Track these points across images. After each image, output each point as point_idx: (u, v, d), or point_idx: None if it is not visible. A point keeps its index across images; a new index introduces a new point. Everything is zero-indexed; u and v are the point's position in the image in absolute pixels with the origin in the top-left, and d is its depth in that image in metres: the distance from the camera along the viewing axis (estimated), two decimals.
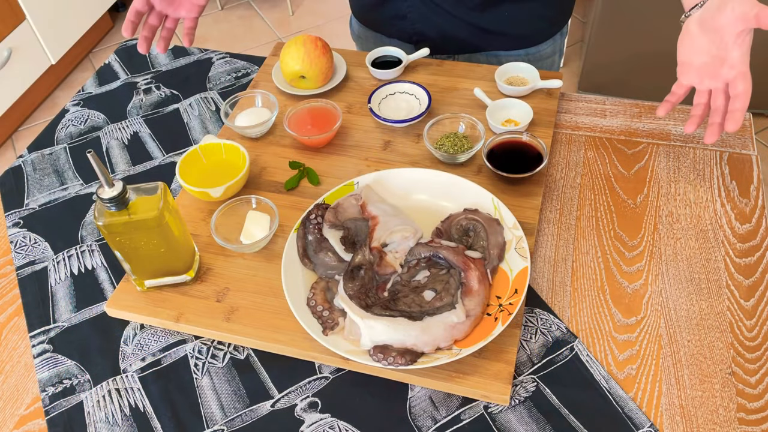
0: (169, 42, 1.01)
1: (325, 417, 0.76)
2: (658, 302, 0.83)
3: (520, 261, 0.81)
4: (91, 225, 0.98)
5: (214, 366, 0.81)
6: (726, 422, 0.72)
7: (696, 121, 0.90)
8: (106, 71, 1.25)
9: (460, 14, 1.12)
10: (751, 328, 0.79)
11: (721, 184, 0.95)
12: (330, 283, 0.82)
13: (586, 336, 0.80)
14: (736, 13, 0.81)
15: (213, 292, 0.85)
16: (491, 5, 1.10)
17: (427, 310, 0.78)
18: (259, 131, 1.05)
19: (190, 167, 0.95)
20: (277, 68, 1.15)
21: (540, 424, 0.73)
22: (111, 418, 0.78)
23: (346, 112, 1.08)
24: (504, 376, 0.75)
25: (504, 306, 0.78)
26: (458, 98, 1.08)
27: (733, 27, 0.82)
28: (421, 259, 0.83)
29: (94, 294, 0.90)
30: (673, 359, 0.78)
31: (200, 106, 1.15)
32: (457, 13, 1.12)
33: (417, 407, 0.76)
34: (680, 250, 0.88)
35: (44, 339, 0.85)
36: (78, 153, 1.10)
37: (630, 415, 0.73)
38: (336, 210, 0.88)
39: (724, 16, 0.82)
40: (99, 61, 2.83)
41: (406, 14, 1.15)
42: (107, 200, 0.73)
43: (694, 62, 0.88)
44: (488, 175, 0.96)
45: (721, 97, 0.87)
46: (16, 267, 0.94)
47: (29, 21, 2.43)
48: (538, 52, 1.18)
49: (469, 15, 1.12)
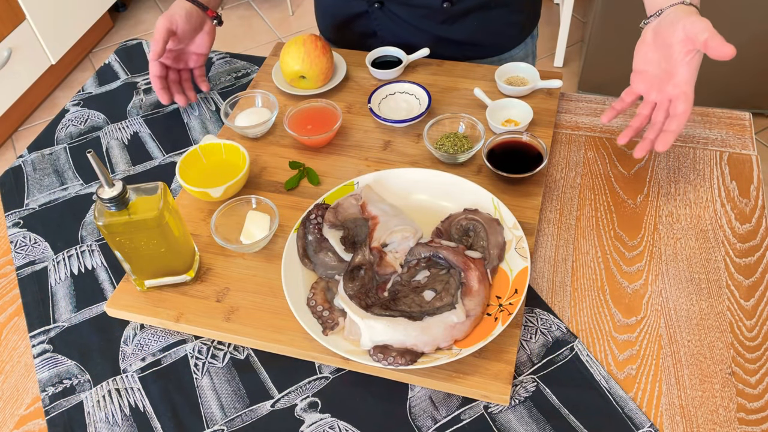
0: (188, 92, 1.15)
1: (325, 417, 0.76)
2: (658, 302, 0.83)
3: (520, 261, 0.81)
4: (91, 225, 0.98)
5: (214, 366, 0.81)
6: (726, 422, 0.72)
7: (630, 133, 0.89)
8: (106, 71, 1.25)
9: (429, 28, 1.13)
10: (751, 328, 0.79)
11: (721, 184, 0.95)
12: (330, 283, 0.82)
13: (586, 336, 0.80)
14: (687, 33, 0.80)
15: (213, 292, 0.85)
16: (459, 17, 1.11)
17: (427, 310, 0.78)
18: (259, 131, 1.05)
19: (190, 167, 0.95)
20: (277, 68, 1.15)
21: (540, 424, 0.73)
22: (111, 418, 0.78)
23: (346, 112, 1.08)
24: (504, 376, 0.75)
25: (504, 306, 0.78)
26: (458, 98, 1.08)
27: (683, 46, 0.81)
28: (421, 259, 0.83)
29: (94, 294, 0.90)
30: (673, 359, 0.78)
31: (200, 106, 1.15)
32: (426, 28, 1.13)
33: (417, 407, 0.76)
34: (680, 250, 0.88)
35: (44, 339, 0.85)
36: (78, 153, 1.10)
37: (630, 415, 0.73)
38: (336, 210, 0.88)
39: (675, 33, 0.81)
40: (99, 61, 2.83)
41: (375, 31, 1.16)
42: (107, 200, 0.73)
43: (648, 71, 0.87)
44: (488, 175, 0.96)
45: (662, 114, 0.86)
46: (16, 267, 0.94)
47: (29, 21, 2.43)
48: (511, 57, 1.19)
49: (438, 29, 1.13)
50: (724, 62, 2.11)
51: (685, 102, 0.82)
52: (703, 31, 0.78)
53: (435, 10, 1.09)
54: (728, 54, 0.76)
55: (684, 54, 0.81)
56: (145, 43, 1.31)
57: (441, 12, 1.09)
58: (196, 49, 1.12)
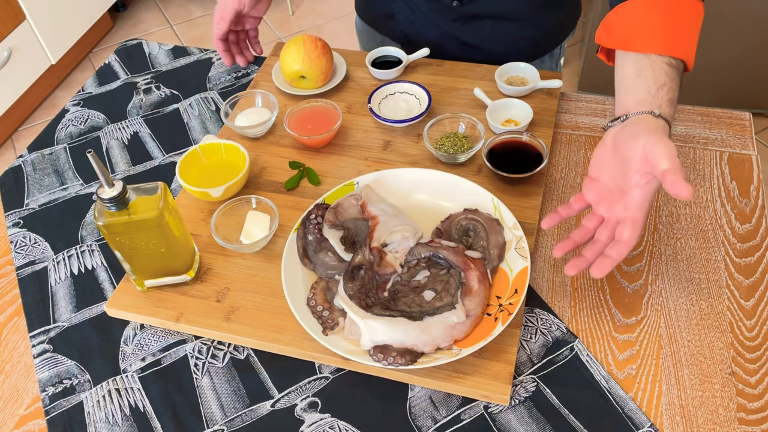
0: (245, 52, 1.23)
1: (325, 417, 0.76)
2: (658, 302, 0.83)
3: (520, 261, 0.81)
4: (91, 225, 0.98)
5: (214, 366, 0.81)
6: (726, 422, 0.72)
7: (568, 245, 0.77)
8: (106, 71, 1.25)
9: (442, 24, 1.13)
10: (751, 328, 0.79)
11: (721, 184, 0.95)
12: (330, 283, 0.82)
13: (586, 336, 0.80)
14: (647, 155, 0.69)
15: (213, 292, 0.85)
16: (472, 19, 1.11)
17: (427, 310, 0.78)
18: (259, 131, 1.05)
19: (190, 167, 0.95)
20: (277, 68, 1.15)
21: (540, 424, 0.73)
22: (111, 418, 0.78)
23: (346, 112, 1.08)
24: (504, 376, 0.75)
25: (504, 306, 0.77)
26: (458, 98, 1.08)
27: (640, 166, 0.70)
28: (421, 259, 0.83)
29: (94, 294, 0.90)
30: (673, 359, 0.78)
31: (200, 106, 1.15)
32: (439, 23, 1.13)
33: (417, 407, 0.76)
34: (680, 250, 0.88)
35: (44, 339, 0.85)
36: (78, 153, 1.10)
37: (630, 415, 0.73)
38: (336, 210, 0.88)
39: (634, 149, 0.71)
40: (99, 61, 2.83)
41: (393, 14, 1.17)
42: (107, 200, 0.73)
43: (601, 180, 0.77)
44: (488, 175, 0.96)
45: (606, 233, 0.75)
46: (16, 267, 0.94)
47: (29, 21, 2.42)
48: None
49: (451, 26, 1.13)
50: (723, 62, 2.11)
51: (632, 229, 0.72)
52: (664, 160, 0.66)
53: (447, 6, 1.10)
54: (684, 195, 0.65)
55: (640, 176, 0.71)
56: (145, 43, 1.31)
57: (452, 10, 1.10)
58: (254, 13, 1.17)
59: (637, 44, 0.79)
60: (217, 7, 1.15)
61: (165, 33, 2.97)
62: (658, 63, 0.77)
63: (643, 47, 0.78)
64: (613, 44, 0.83)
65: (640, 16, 0.80)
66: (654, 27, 0.79)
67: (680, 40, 0.78)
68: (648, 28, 0.79)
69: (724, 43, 2.06)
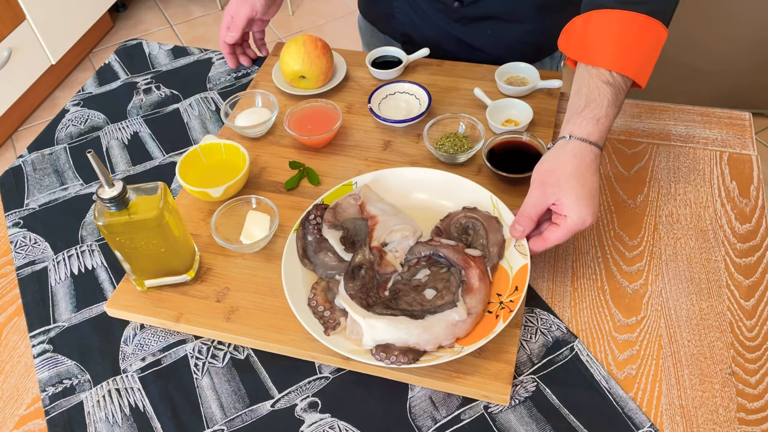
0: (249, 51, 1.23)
1: (325, 417, 0.76)
2: (658, 302, 0.83)
3: (520, 258, 0.81)
4: (91, 225, 0.98)
5: (214, 366, 0.81)
6: (726, 422, 0.72)
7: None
8: (106, 71, 1.25)
9: (443, 24, 1.13)
10: (751, 328, 0.79)
11: (721, 184, 0.95)
12: (330, 283, 0.82)
13: (586, 336, 0.80)
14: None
15: (213, 292, 0.85)
16: (474, 21, 1.11)
17: (429, 308, 0.78)
18: (259, 131, 1.05)
19: (190, 167, 0.95)
20: (277, 68, 1.15)
21: (540, 424, 0.73)
22: (111, 418, 0.77)
23: (346, 112, 1.08)
24: (504, 376, 0.75)
25: (505, 303, 0.77)
26: (458, 98, 1.08)
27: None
28: (421, 258, 0.83)
29: (94, 294, 0.90)
30: (673, 359, 0.78)
31: (200, 106, 1.15)
32: (441, 23, 1.13)
33: (417, 407, 0.76)
34: (680, 250, 0.88)
35: (44, 339, 0.85)
36: (78, 153, 1.10)
37: (630, 415, 0.73)
38: (335, 210, 0.88)
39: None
40: (99, 61, 2.83)
41: (395, 13, 1.17)
42: (107, 200, 0.73)
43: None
44: (488, 175, 0.96)
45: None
46: (16, 267, 0.94)
47: (29, 21, 2.43)
48: None
49: (452, 27, 1.13)
50: (723, 62, 2.11)
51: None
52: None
53: (448, 7, 1.10)
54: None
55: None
56: (145, 43, 1.31)
57: (454, 10, 1.10)
58: (263, 17, 1.17)
59: (588, 56, 0.80)
60: (228, 12, 1.15)
61: (165, 33, 2.97)
62: (595, 81, 0.78)
63: (592, 60, 0.79)
64: (569, 52, 0.84)
65: (597, 29, 0.80)
66: (607, 41, 0.79)
67: (632, 57, 0.78)
68: (601, 41, 0.79)
69: (724, 43, 2.06)
